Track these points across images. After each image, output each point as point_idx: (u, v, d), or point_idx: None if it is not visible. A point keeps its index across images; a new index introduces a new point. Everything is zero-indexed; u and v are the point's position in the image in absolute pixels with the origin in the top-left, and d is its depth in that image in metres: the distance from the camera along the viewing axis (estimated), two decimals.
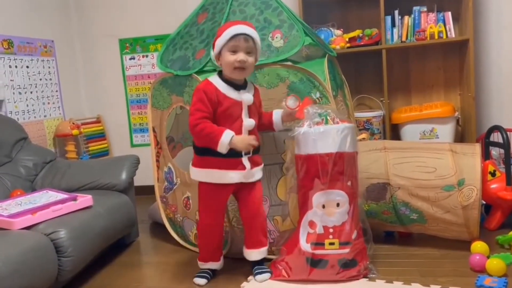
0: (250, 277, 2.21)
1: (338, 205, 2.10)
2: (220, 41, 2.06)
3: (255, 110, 2.17)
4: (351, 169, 2.12)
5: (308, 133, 2.10)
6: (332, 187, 2.09)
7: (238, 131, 2.07)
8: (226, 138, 2.02)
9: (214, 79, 2.11)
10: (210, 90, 2.06)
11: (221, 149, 2.03)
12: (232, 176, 2.10)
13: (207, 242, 2.25)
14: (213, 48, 2.12)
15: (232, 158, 2.08)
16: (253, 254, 2.24)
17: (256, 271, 2.19)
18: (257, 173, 2.18)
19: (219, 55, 2.10)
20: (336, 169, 2.08)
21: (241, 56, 2.03)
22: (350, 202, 2.10)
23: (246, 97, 2.09)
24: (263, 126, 2.27)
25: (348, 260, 2.07)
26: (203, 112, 2.04)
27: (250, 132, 2.12)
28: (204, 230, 2.24)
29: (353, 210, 2.10)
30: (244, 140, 2.05)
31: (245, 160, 2.10)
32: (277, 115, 2.25)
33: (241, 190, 2.19)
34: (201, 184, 2.17)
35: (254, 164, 2.15)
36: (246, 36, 2.04)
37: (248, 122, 2.09)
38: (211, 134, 2.03)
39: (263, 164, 2.23)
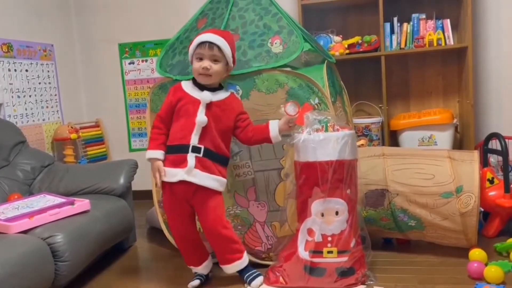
0: (246, 285, 2.19)
1: (337, 213, 2.09)
2: (190, 49, 2.18)
3: (220, 114, 2.14)
4: (351, 177, 2.11)
5: (308, 141, 2.10)
6: (331, 195, 2.08)
7: (191, 126, 2.10)
8: (149, 154, 2.15)
9: (185, 81, 2.24)
10: (175, 89, 2.22)
11: None
12: (175, 174, 2.09)
13: (179, 246, 2.27)
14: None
15: (179, 154, 2.10)
16: (229, 268, 2.21)
17: (249, 278, 2.17)
18: (202, 177, 2.08)
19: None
20: (336, 177, 2.07)
21: (205, 63, 2.12)
22: (350, 211, 2.09)
23: (204, 95, 2.13)
24: (256, 138, 2.18)
25: (346, 269, 2.07)
26: (161, 112, 2.21)
27: (204, 129, 2.10)
28: (172, 232, 2.28)
29: (352, 219, 2.09)
30: (154, 167, 2.13)
31: (190, 157, 2.08)
32: (273, 127, 2.14)
33: (196, 203, 2.13)
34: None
35: (203, 167, 2.09)
36: (211, 44, 2.11)
37: (200, 118, 2.10)
38: (149, 141, 2.19)
39: (221, 177, 2.14)
